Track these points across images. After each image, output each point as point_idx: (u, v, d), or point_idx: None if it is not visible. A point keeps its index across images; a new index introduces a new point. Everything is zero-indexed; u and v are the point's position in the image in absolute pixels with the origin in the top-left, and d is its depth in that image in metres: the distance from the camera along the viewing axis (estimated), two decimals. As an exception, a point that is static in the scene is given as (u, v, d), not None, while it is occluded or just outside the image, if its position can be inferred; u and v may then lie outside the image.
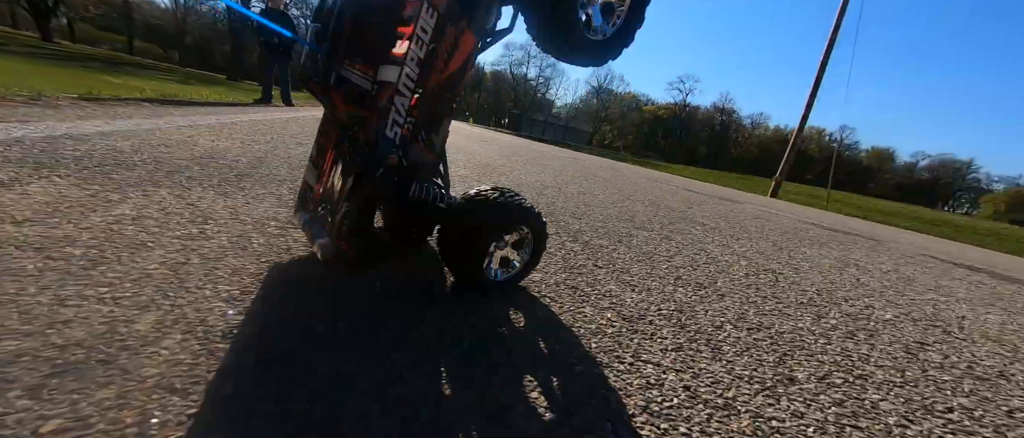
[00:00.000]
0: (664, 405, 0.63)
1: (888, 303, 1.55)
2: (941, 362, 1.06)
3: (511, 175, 3.23)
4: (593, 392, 0.62)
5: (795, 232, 3.32)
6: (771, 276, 1.63)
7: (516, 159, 5.19)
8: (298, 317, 0.66)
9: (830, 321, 1.22)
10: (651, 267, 1.39)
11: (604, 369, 0.70)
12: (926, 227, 12.82)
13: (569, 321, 0.86)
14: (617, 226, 1.97)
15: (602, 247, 1.51)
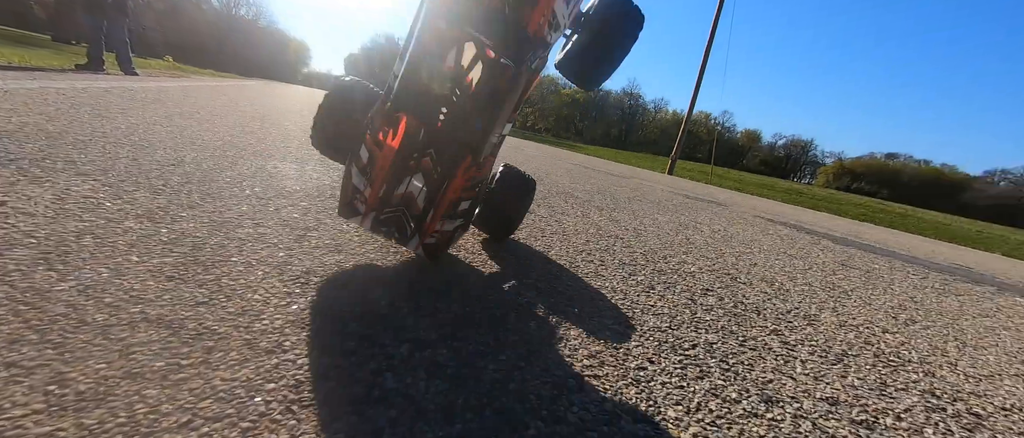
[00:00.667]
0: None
1: (700, 257, 1.77)
2: (713, 304, 1.22)
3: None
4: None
5: (660, 202, 3.70)
6: (611, 241, 1.75)
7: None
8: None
9: (638, 278, 1.33)
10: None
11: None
12: (780, 194, 15.55)
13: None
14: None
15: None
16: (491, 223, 1.26)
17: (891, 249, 3.62)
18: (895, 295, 1.79)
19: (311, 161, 2.05)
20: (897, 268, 2.52)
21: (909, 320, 1.45)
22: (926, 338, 1.29)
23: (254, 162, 1.76)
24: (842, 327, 1.24)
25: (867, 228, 6.64)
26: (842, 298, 1.56)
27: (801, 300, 1.43)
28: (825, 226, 4.81)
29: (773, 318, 1.19)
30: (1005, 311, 1.91)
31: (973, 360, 1.18)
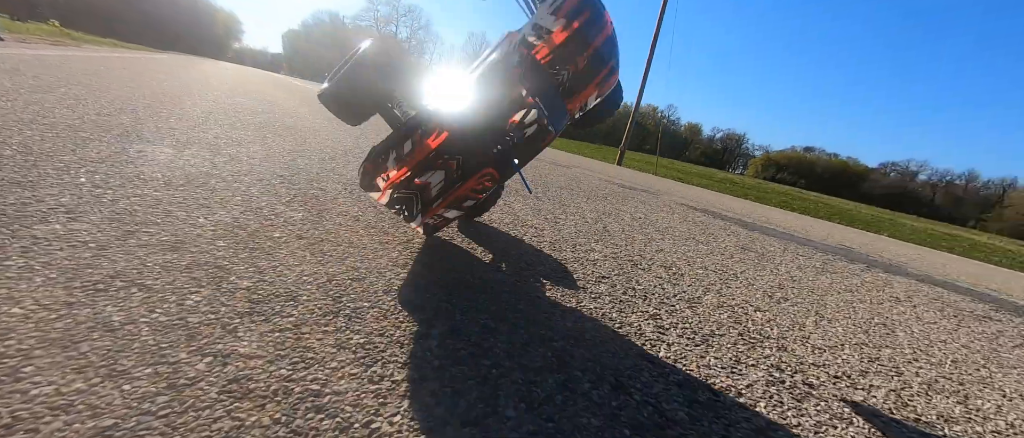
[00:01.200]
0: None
1: (609, 245, 1.82)
2: (602, 292, 1.24)
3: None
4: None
5: (590, 192, 3.80)
6: (524, 231, 1.74)
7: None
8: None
9: (536, 269, 1.32)
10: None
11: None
12: (716, 184, 16.79)
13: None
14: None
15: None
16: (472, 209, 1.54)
17: (791, 233, 4.03)
18: (778, 275, 1.97)
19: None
20: (789, 250, 2.80)
21: (782, 298, 1.60)
22: (790, 315, 1.42)
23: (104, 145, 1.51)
24: (719, 308, 1.33)
25: (780, 214, 7.36)
26: (730, 280, 1.68)
27: (690, 284, 1.51)
28: (743, 212, 5.27)
29: (657, 303, 1.24)
30: (867, 285, 2.18)
31: (824, 333, 1.32)
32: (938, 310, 1.96)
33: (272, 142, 2.46)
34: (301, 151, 2.39)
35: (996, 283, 3.65)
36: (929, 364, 1.24)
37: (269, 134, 2.71)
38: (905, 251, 5.05)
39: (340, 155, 2.56)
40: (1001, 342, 1.64)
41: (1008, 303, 2.62)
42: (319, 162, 2.19)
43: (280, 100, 5.89)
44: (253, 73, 16.09)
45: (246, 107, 3.90)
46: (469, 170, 1.04)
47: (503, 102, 1.01)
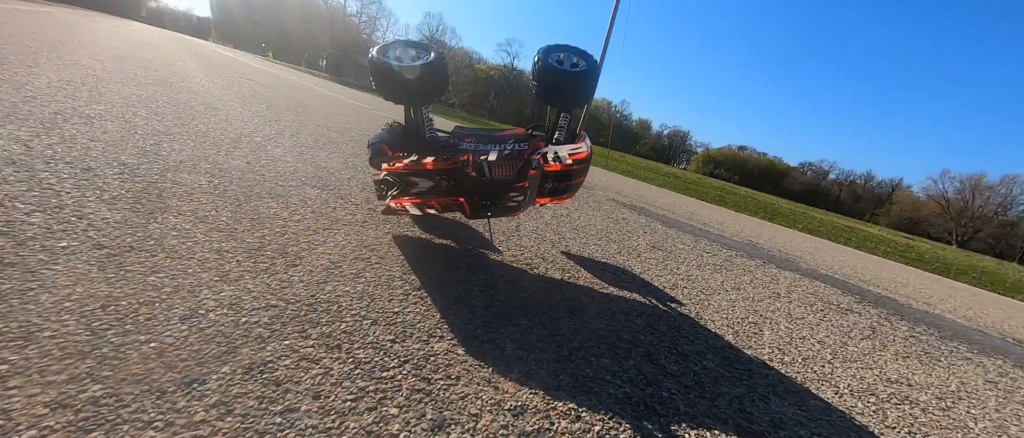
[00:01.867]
0: None
1: (512, 247, 1.78)
2: (477, 305, 1.18)
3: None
4: None
5: (526, 186, 3.78)
6: (439, 231, 1.63)
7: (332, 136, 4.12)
8: None
9: (404, 284, 1.22)
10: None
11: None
12: (660, 178, 17.70)
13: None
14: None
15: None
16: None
17: (708, 228, 4.31)
18: (676, 275, 2.05)
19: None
20: (698, 248, 2.97)
21: (670, 300, 1.66)
22: (669, 320, 1.46)
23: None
24: (599, 316, 1.33)
25: (707, 209, 7.91)
26: (625, 283, 1.71)
27: (574, 293, 1.50)
28: (672, 207, 5.58)
29: (531, 315, 1.21)
30: (755, 282, 2.36)
31: (695, 337, 1.37)
32: (809, 305, 2.17)
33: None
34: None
35: (870, 274, 4.19)
36: (781, 364, 1.34)
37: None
38: (807, 244, 5.65)
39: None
40: (852, 336, 1.84)
41: (872, 294, 3.00)
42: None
43: (194, 78, 5.18)
44: (170, 38, 14.08)
45: (139, 78, 3.34)
46: (451, 193, 1.37)
47: (506, 182, 1.34)
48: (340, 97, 9.85)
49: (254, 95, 4.84)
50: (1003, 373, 1.90)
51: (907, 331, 2.17)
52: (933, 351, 1.94)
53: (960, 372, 1.74)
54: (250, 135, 2.56)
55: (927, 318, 2.67)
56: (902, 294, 3.43)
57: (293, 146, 2.61)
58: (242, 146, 2.23)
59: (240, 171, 1.77)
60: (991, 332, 2.82)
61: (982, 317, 3.39)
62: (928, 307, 3.12)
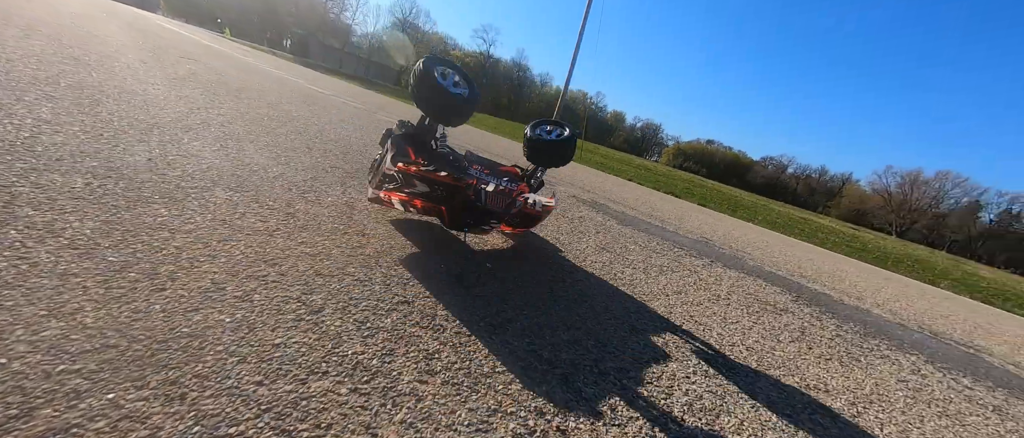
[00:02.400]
0: None
1: (459, 254, 1.69)
2: (399, 320, 1.09)
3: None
4: None
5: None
6: (379, 219, 1.51)
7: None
8: None
9: (339, 280, 1.11)
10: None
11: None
12: (631, 170, 18.05)
13: None
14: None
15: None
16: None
17: (665, 225, 4.39)
18: (619, 280, 2.04)
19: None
20: (649, 247, 3.00)
21: (606, 309, 1.63)
22: (598, 334, 1.43)
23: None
24: (525, 333, 1.26)
25: (671, 203, 8.09)
26: (561, 292, 1.66)
27: (500, 310, 1.44)
28: (632, 202, 5.65)
29: (454, 330, 1.12)
30: (698, 285, 2.39)
31: (623, 350, 1.34)
32: (746, 307, 2.22)
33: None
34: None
35: (812, 269, 4.41)
36: (705, 376, 1.33)
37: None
38: (760, 239, 5.90)
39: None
40: (781, 339, 1.89)
41: (809, 291, 3.14)
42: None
43: (120, 56, 4.67)
44: (107, 9, 12.69)
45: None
46: (437, 202, 1.61)
47: (493, 212, 1.69)
48: (298, 82, 9.27)
49: (190, 77, 4.43)
50: (915, 369, 2.03)
51: (834, 330, 2.28)
52: (855, 350, 2.03)
53: (876, 373, 1.83)
54: (167, 126, 2.30)
55: (856, 314, 2.82)
56: (838, 289, 3.63)
57: (217, 138, 2.38)
58: (151, 139, 1.99)
59: (136, 170, 1.57)
60: (912, 326, 3.02)
61: (907, 310, 3.65)
62: (859, 302, 3.31)
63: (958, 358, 2.47)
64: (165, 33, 11.11)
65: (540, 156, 2.03)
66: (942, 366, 2.21)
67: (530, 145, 2.02)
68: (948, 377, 2.05)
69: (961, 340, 3.05)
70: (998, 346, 3.23)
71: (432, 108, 1.53)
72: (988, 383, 2.15)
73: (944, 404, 1.71)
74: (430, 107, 1.52)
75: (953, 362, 2.35)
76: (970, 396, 1.87)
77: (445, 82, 1.53)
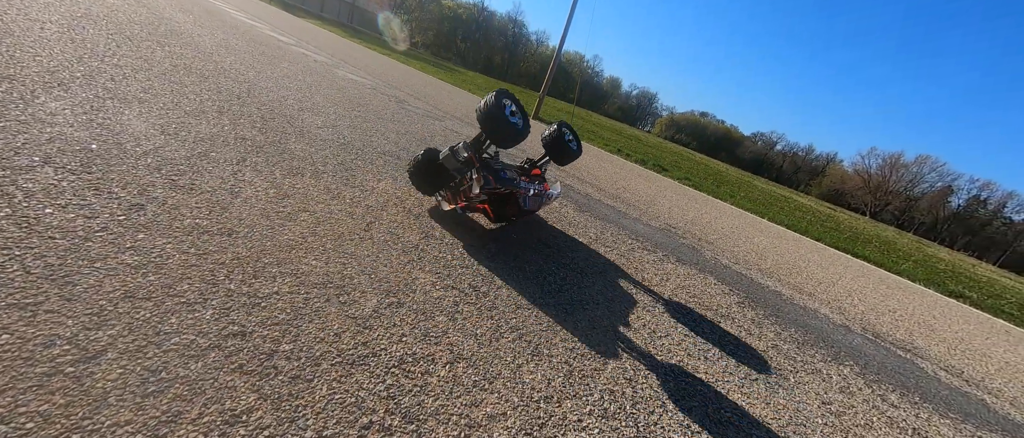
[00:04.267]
0: None
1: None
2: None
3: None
4: None
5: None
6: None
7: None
8: None
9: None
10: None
11: None
12: (619, 141, 17.72)
13: None
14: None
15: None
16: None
17: (629, 210, 4.22)
18: (550, 282, 1.86)
19: None
20: (604, 238, 2.82)
21: (515, 327, 1.46)
22: (513, 349, 1.26)
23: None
24: (420, 359, 1.08)
25: (647, 181, 7.92)
26: (482, 295, 1.47)
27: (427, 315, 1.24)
28: (605, 179, 5.45)
29: (318, 371, 0.93)
30: (638, 287, 2.24)
31: (522, 376, 1.18)
32: (685, 315, 2.09)
33: None
34: None
35: (772, 260, 4.37)
36: (602, 418, 1.19)
37: None
38: (729, 224, 5.83)
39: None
40: (709, 356, 1.77)
41: (760, 290, 3.06)
42: None
43: None
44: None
45: None
46: (499, 206, 2.18)
47: (531, 211, 2.26)
48: (259, 27, 8.38)
49: (108, 16, 3.83)
50: (845, 386, 1.97)
51: (772, 339, 2.19)
52: (786, 366, 1.95)
53: (801, 394, 1.74)
54: (28, 79, 1.92)
55: (801, 317, 2.76)
56: (793, 284, 3.58)
57: (94, 98, 1.99)
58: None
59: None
60: (855, 328, 3.00)
61: (856, 307, 3.65)
62: (809, 300, 3.27)
63: (893, 367, 2.45)
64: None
65: (557, 154, 2.47)
66: (873, 379, 2.17)
67: (551, 143, 2.46)
68: (876, 394, 2.00)
69: (901, 342, 3.06)
70: (935, 346, 3.27)
71: (492, 131, 1.79)
72: (915, 398, 2.12)
73: (863, 431, 1.64)
74: (491, 130, 1.79)
75: (886, 373, 2.32)
76: (892, 419, 1.82)
77: (507, 112, 1.81)
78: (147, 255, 1.14)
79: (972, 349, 3.64)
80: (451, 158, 1.84)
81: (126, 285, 1.02)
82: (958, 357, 3.20)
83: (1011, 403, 2.60)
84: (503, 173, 1.99)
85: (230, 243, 1.32)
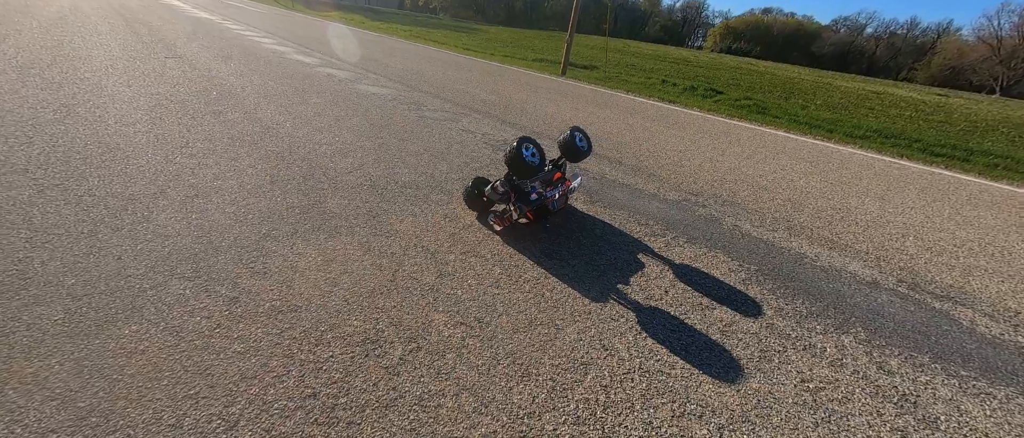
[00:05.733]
0: None
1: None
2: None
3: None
4: None
5: (438, 183, 3.72)
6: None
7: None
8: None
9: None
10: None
11: None
12: (668, 67, 16.43)
13: None
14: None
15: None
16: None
17: (648, 183, 4.24)
18: (516, 315, 2.19)
19: None
20: (627, 227, 3.02)
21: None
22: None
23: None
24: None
25: (684, 128, 7.48)
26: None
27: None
28: (631, 140, 5.37)
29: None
30: (642, 278, 2.47)
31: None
32: (672, 312, 2.30)
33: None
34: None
35: (814, 207, 4.13)
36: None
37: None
38: (777, 164, 5.45)
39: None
40: (674, 370, 2.01)
41: (778, 254, 3.04)
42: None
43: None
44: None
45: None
46: (537, 213, 2.83)
47: (560, 210, 3.06)
48: (231, 27, 9.06)
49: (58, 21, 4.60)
50: (836, 360, 2.06)
51: (770, 317, 2.30)
52: (773, 348, 2.07)
53: (781, 375, 1.91)
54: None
55: (818, 282, 2.74)
56: (825, 237, 3.42)
57: None
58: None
59: None
60: (888, 281, 2.88)
61: (907, 248, 3.39)
62: (838, 256, 3.14)
63: (913, 325, 2.41)
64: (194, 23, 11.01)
65: (569, 154, 3.05)
66: (881, 344, 2.20)
67: (565, 145, 3.02)
68: (873, 361, 2.06)
69: (946, 287, 2.89)
70: (996, 286, 3.02)
71: (517, 170, 2.51)
72: (923, 359, 2.13)
73: (838, 405, 1.80)
74: (516, 169, 2.51)
75: (900, 335, 2.30)
76: (880, 387, 1.92)
77: (527, 155, 2.49)
78: (247, 342, 1.70)
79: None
80: (493, 193, 2.68)
81: (241, 370, 1.58)
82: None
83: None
84: (533, 193, 2.67)
85: (297, 319, 1.85)
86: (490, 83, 8.99)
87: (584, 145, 3.08)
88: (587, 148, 3.11)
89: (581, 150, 3.06)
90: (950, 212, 4.59)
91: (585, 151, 3.09)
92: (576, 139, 3.02)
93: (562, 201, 2.93)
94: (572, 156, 3.08)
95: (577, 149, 3.03)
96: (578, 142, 3.03)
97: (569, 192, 3.00)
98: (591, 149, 3.16)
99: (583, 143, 3.08)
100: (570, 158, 3.09)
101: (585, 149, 3.08)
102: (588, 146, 3.12)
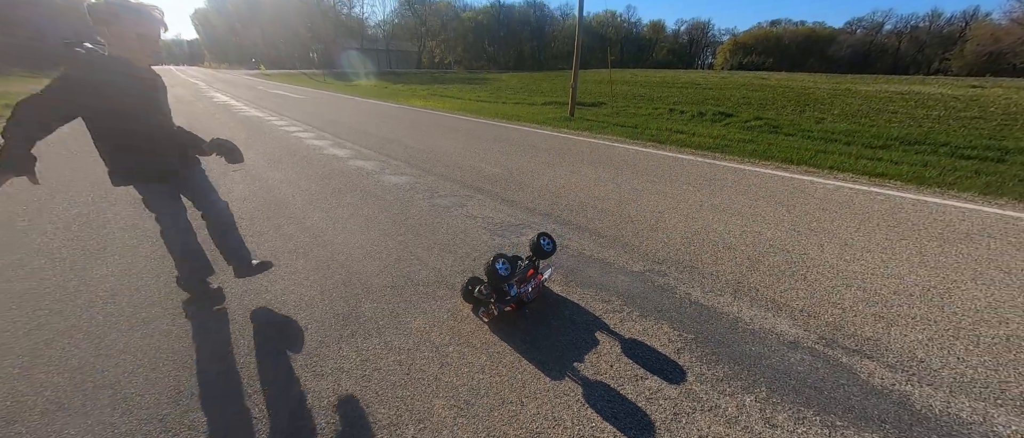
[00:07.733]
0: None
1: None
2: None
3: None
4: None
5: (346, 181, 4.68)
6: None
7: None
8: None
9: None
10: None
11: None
12: (676, 92, 17.05)
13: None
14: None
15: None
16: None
17: (623, 260, 4.98)
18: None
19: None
20: (591, 305, 3.81)
21: (486, 425, 2.65)
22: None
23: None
24: None
25: (674, 184, 8.14)
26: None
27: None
28: (608, 217, 6.16)
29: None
30: (602, 351, 3.23)
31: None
32: (605, 391, 3.03)
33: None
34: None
35: (771, 261, 4.70)
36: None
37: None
38: (770, 207, 6.00)
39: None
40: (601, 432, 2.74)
41: (717, 320, 3.69)
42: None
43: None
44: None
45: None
46: (514, 307, 3.61)
47: (532, 300, 3.77)
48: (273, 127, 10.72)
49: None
50: (730, 418, 2.70)
51: (690, 384, 2.97)
52: (684, 411, 2.76)
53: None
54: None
55: (745, 346, 3.34)
56: (769, 297, 3.96)
57: None
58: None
59: None
60: (808, 340, 3.39)
61: (854, 294, 3.88)
62: (773, 317, 3.69)
63: (814, 381, 2.96)
64: (207, 94, 13.31)
65: (537, 253, 3.91)
66: (776, 401, 2.80)
67: (533, 247, 3.91)
68: (763, 416, 2.68)
69: (860, 341, 3.37)
70: (913, 335, 3.47)
71: (491, 281, 3.29)
72: (808, 413, 2.72)
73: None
74: (491, 281, 3.30)
75: (798, 391, 2.89)
76: (758, 435, 2.55)
77: (500, 268, 3.24)
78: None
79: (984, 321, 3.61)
80: (480, 295, 3.47)
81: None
82: (941, 341, 3.36)
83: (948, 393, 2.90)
84: (511, 291, 3.39)
85: (345, 409, 2.78)
86: (495, 152, 10.15)
87: (549, 247, 4.00)
88: (552, 248, 4.02)
89: (547, 251, 3.97)
90: (912, 252, 4.83)
91: (550, 251, 4.00)
92: (542, 243, 3.96)
93: (535, 293, 3.68)
94: (540, 256, 3.98)
95: (544, 250, 3.96)
96: (544, 245, 3.97)
97: (541, 284, 3.84)
98: (556, 247, 4.08)
99: (549, 245, 4.01)
100: (539, 257, 3.98)
101: (550, 249, 4.00)
102: (553, 246, 4.03)
